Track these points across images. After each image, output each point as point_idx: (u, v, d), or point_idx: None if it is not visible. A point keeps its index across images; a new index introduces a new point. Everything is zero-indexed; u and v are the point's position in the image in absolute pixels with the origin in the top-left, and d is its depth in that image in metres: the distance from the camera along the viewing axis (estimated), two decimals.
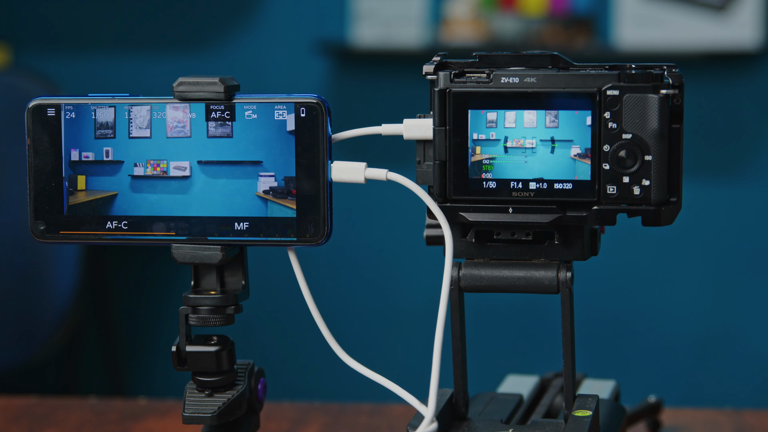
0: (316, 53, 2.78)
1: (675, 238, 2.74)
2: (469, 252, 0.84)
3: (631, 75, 0.79)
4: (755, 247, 2.76)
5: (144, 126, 0.82)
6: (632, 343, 2.80)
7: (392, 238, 2.83)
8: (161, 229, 0.83)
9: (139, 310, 2.87)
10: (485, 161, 0.81)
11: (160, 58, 2.84)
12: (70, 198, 0.83)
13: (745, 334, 2.77)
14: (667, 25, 2.69)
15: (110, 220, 0.83)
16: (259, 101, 0.81)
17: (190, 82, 0.82)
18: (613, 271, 2.76)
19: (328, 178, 0.81)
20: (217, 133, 0.82)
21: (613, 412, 0.93)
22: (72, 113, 0.83)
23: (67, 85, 2.72)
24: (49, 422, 1.13)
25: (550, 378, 1.01)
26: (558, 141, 0.80)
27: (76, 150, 0.83)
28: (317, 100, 0.81)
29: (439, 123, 0.81)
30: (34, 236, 0.84)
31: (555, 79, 0.80)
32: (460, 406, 0.86)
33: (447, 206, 0.82)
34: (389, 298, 2.86)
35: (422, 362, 0.75)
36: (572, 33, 2.74)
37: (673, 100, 0.80)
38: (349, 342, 0.76)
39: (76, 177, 0.83)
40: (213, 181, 0.82)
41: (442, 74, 0.81)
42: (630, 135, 0.79)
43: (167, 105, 0.82)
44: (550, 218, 0.81)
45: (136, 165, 0.82)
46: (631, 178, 0.79)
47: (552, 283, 0.83)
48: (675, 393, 2.68)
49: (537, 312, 2.76)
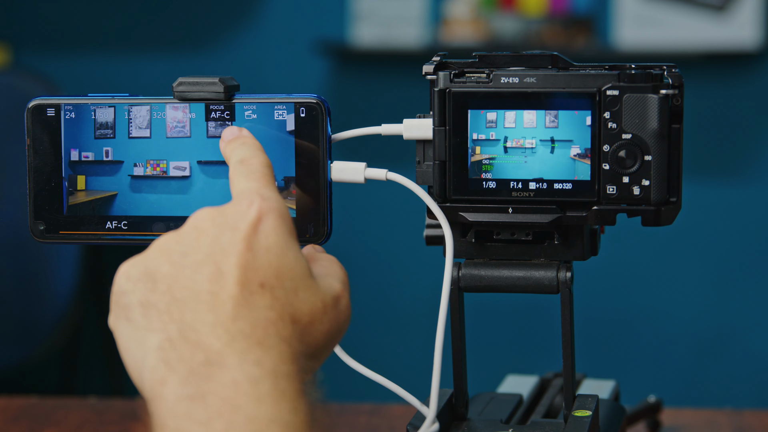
0: (316, 53, 2.78)
1: (675, 238, 2.75)
2: (469, 252, 0.84)
3: (631, 75, 0.79)
4: (755, 247, 2.76)
5: (144, 126, 0.82)
6: (632, 343, 2.81)
7: (392, 238, 2.83)
8: (161, 229, 0.83)
9: None
10: (485, 161, 0.81)
11: (160, 58, 2.84)
12: (70, 198, 0.83)
13: (744, 334, 2.77)
14: (666, 25, 2.69)
15: (110, 220, 0.83)
16: (259, 101, 0.81)
17: (190, 82, 0.82)
18: (613, 271, 2.76)
19: (328, 178, 0.81)
20: (217, 133, 0.82)
21: (612, 412, 0.93)
22: (72, 113, 0.83)
23: (67, 85, 2.72)
24: (49, 422, 1.13)
25: (550, 378, 1.01)
26: (558, 141, 0.80)
27: (76, 150, 0.83)
28: (317, 100, 0.81)
29: (438, 123, 0.81)
30: (33, 236, 0.84)
31: (555, 79, 0.80)
32: (459, 406, 0.86)
33: (447, 206, 0.82)
34: (389, 298, 2.86)
35: (422, 362, 0.75)
36: (572, 33, 2.74)
37: (673, 100, 0.80)
38: (349, 342, 0.76)
39: (75, 177, 0.83)
40: (213, 181, 0.82)
41: (441, 74, 0.81)
42: (630, 135, 0.79)
43: (167, 105, 0.82)
44: (549, 218, 0.81)
45: (136, 165, 0.82)
46: (630, 178, 0.79)
47: (552, 283, 0.83)
48: (675, 393, 2.68)
49: (537, 312, 2.76)
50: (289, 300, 0.65)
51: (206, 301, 0.64)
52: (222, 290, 0.64)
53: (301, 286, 0.66)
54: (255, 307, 0.63)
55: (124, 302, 0.66)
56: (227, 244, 0.65)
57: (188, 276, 0.65)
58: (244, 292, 0.64)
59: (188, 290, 0.64)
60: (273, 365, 0.62)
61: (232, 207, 0.67)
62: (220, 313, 0.63)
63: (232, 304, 0.63)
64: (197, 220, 0.67)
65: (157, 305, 0.65)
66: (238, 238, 0.65)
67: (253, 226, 0.66)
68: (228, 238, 0.65)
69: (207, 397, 0.61)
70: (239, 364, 0.62)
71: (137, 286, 0.65)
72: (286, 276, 0.65)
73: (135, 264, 0.66)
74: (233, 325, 0.63)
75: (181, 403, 0.61)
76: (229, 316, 0.63)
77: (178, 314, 0.64)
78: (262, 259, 0.65)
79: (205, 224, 0.67)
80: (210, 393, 0.61)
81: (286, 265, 0.65)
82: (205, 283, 0.64)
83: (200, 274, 0.64)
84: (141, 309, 0.65)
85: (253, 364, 0.62)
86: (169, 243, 0.67)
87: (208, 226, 0.66)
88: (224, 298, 0.63)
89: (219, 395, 0.61)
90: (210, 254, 0.65)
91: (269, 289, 0.64)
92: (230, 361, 0.62)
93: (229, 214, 0.67)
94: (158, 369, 0.63)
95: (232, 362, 0.62)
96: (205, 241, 0.66)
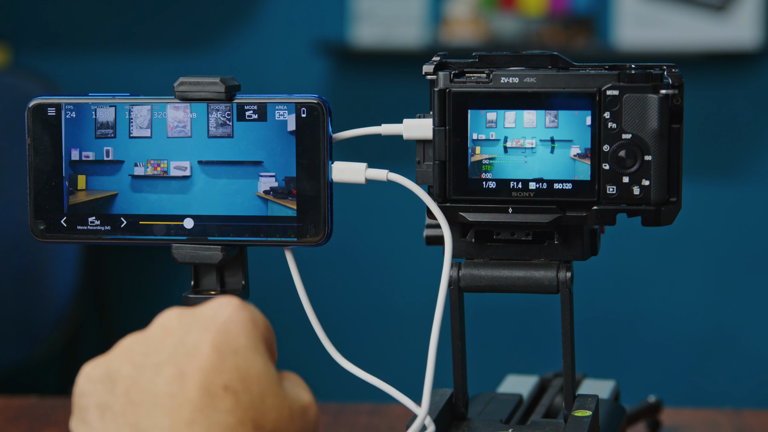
0: (316, 53, 2.78)
1: (675, 238, 2.75)
2: (469, 252, 0.84)
3: (631, 75, 0.79)
4: (755, 247, 2.76)
5: (144, 126, 0.82)
6: (632, 343, 2.81)
7: (392, 238, 2.83)
8: (161, 229, 0.83)
9: (139, 310, 2.87)
10: (485, 161, 0.81)
11: (160, 58, 2.84)
12: (71, 198, 0.83)
13: (745, 334, 2.77)
14: (666, 25, 2.69)
15: (110, 219, 0.83)
16: (259, 101, 0.81)
17: (191, 82, 0.82)
18: (613, 271, 2.76)
19: (329, 179, 0.81)
20: (217, 133, 0.82)
21: (612, 412, 0.93)
22: (72, 113, 0.83)
23: (67, 85, 2.72)
24: (49, 422, 1.13)
25: (550, 378, 1.01)
26: (558, 141, 0.80)
27: (77, 149, 0.83)
28: (318, 100, 0.81)
29: (438, 123, 0.81)
30: (34, 236, 0.84)
31: (555, 79, 0.80)
32: (459, 406, 0.86)
33: (447, 206, 0.82)
34: (389, 299, 2.86)
35: (422, 363, 0.75)
36: (572, 33, 2.74)
37: (673, 100, 0.80)
38: (349, 342, 0.76)
39: (76, 176, 0.83)
40: (213, 181, 0.82)
41: (441, 74, 0.81)
42: (630, 135, 0.79)
43: (168, 105, 0.82)
44: (549, 218, 0.81)
45: (137, 165, 0.82)
46: (630, 178, 0.79)
47: (552, 283, 0.83)
48: (675, 393, 2.68)
49: (537, 312, 2.76)
50: (254, 405, 0.61)
51: (163, 405, 0.60)
52: (181, 393, 0.60)
53: (269, 392, 0.62)
54: (214, 411, 0.60)
55: (83, 404, 0.63)
56: (192, 346, 0.62)
57: (148, 378, 0.61)
58: (204, 396, 0.60)
59: (146, 393, 0.61)
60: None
61: (203, 307, 0.64)
62: (175, 417, 0.60)
63: (190, 408, 0.60)
64: (165, 319, 0.64)
65: (113, 408, 0.61)
66: (206, 339, 0.62)
67: (223, 326, 0.63)
68: (194, 339, 0.62)
69: None
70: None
71: (96, 388, 0.62)
72: (254, 380, 0.62)
73: (97, 365, 0.63)
74: (188, 430, 0.59)
75: None
76: (184, 420, 0.60)
77: (133, 418, 0.60)
78: (228, 361, 0.62)
79: (173, 323, 0.63)
80: None
81: (254, 368, 0.62)
82: (165, 385, 0.61)
83: (160, 377, 0.61)
84: (97, 411, 0.62)
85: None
86: (133, 344, 0.63)
87: (175, 326, 0.63)
88: (182, 402, 0.60)
89: None
90: (173, 356, 0.62)
91: (233, 393, 0.61)
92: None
93: (199, 314, 0.64)
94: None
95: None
96: (170, 342, 0.62)
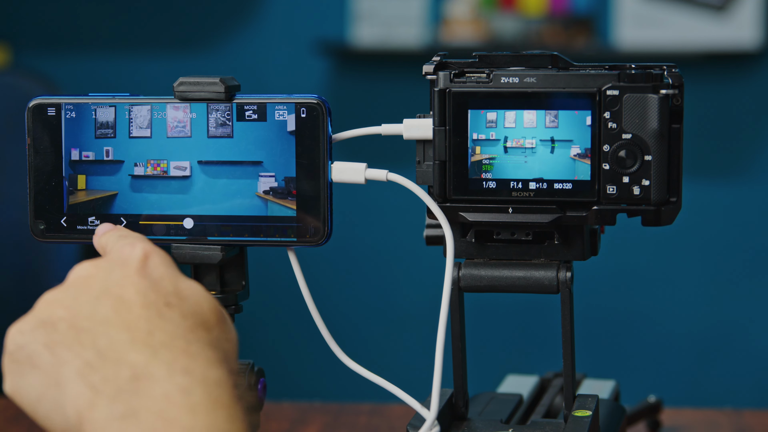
0: (316, 53, 2.79)
1: (675, 238, 2.75)
2: (469, 252, 0.84)
3: (631, 75, 0.79)
4: (755, 247, 2.76)
5: (144, 126, 0.82)
6: (632, 343, 2.81)
7: (392, 238, 2.83)
8: (161, 229, 0.83)
9: None
10: (485, 161, 0.81)
11: (160, 58, 2.84)
12: (71, 197, 0.83)
13: (744, 334, 2.78)
14: (666, 25, 2.69)
15: (110, 219, 0.83)
16: (259, 101, 0.81)
17: (191, 82, 0.82)
18: (613, 271, 2.76)
19: (329, 179, 0.81)
20: (217, 133, 0.82)
21: (612, 412, 0.93)
22: (72, 113, 0.83)
23: (67, 85, 2.72)
24: None
25: (550, 378, 1.01)
26: (558, 141, 0.80)
27: (77, 149, 0.83)
28: (318, 100, 0.81)
29: (438, 123, 0.81)
30: (34, 236, 0.84)
31: (555, 79, 0.80)
32: (459, 406, 0.86)
33: (447, 206, 0.82)
34: (389, 298, 2.86)
35: (422, 362, 0.75)
36: (572, 33, 2.74)
37: (673, 100, 0.80)
38: (350, 342, 0.76)
39: (76, 176, 0.83)
40: (213, 181, 0.82)
41: (442, 74, 0.81)
42: (630, 135, 0.79)
43: (168, 105, 0.82)
44: (550, 218, 0.81)
45: (137, 165, 0.82)
46: (630, 178, 0.79)
47: (552, 283, 0.83)
48: (675, 393, 2.68)
49: (537, 312, 2.76)
50: (197, 311, 0.64)
51: (115, 323, 0.62)
52: (130, 314, 0.62)
53: (203, 298, 0.65)
54: (168, 321, 0.62)
55: (24, 354, 0.63)
56: (121, 278, 0.64)
57: (89, 310, 0.63)
58: (151, 311, 0.63)
59: (92, 320, 0.62)
60: (202, 372, 0.60)
61: (113, 253, 0.67)
62: (134, 330, 0.61)
63: (145, 322, 0.62)
64: (80, 270, 0.66)
65: (63, 341, 0.62)
66: (131, 272, 0.65)
67: (141, 261, 0.65)
68: (119, 273, 0.65)
69: (139, 414, 0.58)
70: (168, 375, 0.60)
71: (34, 335, 0.63)
72: (188, 293, 0.65)
73: (25, 321, 0.64)
74: (152, 338, 0.61)
75: (112, 425, 0.59)
76: (144, 331, 0.61)
77: (90, 341, 0.61)
78: (159, 285, 0.64)
79: (90, 271, 0.66)
80: (142, 409, 0.58)
81: (183, 285, 0.65)
82: (110, 312, 0.62)
83: (102, 306, 0.63)
84: (46, 351, 0.62)
85: (181, 373, 0.60)
86: (57, 295, 0.65)
87: (93, 272, 0.66)
88: (133, 318, 0.62)
89: (151, 410, 0.58)
90: (106, 290, 0.64)
91: (176, 306, 0.64)
92: (158, 373, 0.60)
93: (113, 258, 0.67)
94: (83, 395, 0.60)
95: (161, 374, 0.60)
96: (97, 283, 0.64)
